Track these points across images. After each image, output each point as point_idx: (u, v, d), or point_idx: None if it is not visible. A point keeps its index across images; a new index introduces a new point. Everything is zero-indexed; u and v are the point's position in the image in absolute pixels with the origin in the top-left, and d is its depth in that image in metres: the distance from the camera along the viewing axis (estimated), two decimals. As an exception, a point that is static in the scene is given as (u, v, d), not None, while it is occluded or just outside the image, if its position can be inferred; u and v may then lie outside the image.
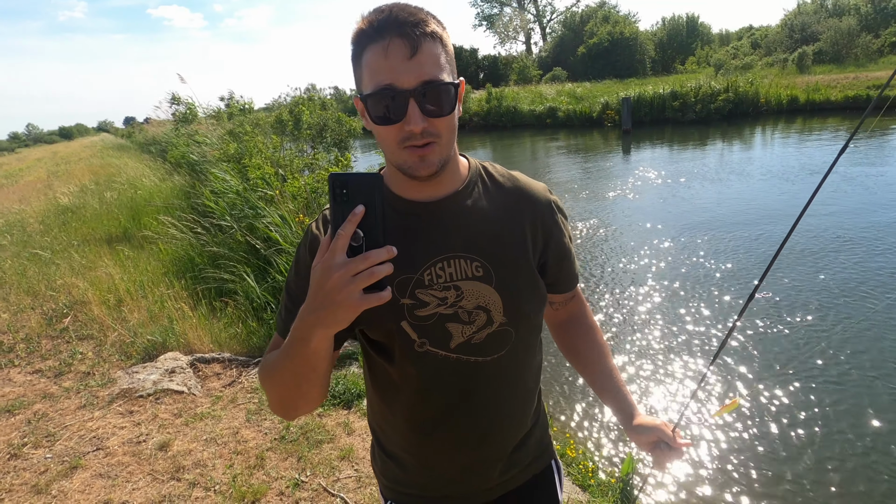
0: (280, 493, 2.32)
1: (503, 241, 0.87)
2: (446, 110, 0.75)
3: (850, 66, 19.48)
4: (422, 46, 0.72)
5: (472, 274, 0.84)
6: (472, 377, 0.87)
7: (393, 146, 0.76)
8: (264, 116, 11.30)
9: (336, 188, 0.61)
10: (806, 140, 12.22)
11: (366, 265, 0.59)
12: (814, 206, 1.13)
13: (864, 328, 3.99)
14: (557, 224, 0.94)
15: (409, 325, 0.83)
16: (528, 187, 0.94)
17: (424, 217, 0.85)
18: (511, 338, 0.87)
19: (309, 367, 0.71)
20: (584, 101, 21.39)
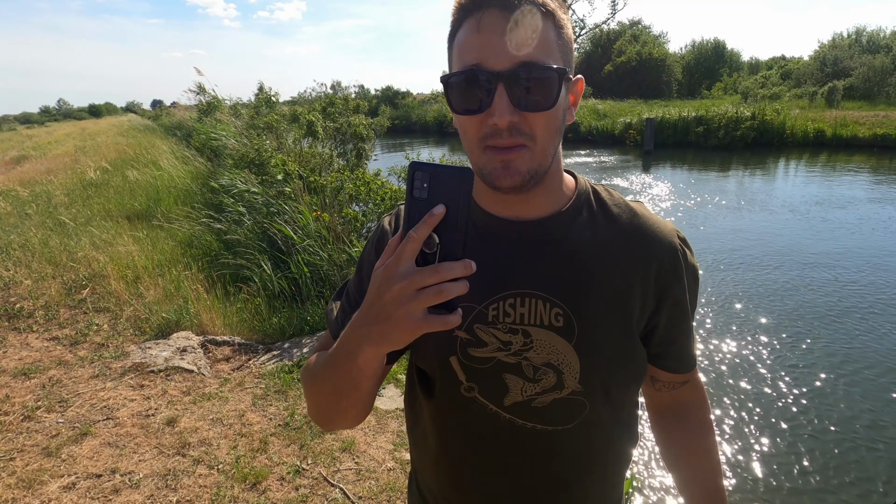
0: (281, 479, 2.35)
1: (600, 288, 0.69)
2: (547, 103, 0.60)
3: (881, 104, 19.22)
4: (524, 20, 0.58)
5: (548, 322, 0.68)
6: (525, 446, 0.71)
7: (474, 145, 0.63)
8: (286, 110, 11.46)
9: (416, 180, 0.51)
10: (830, 176, 12.07)
11: (435, 279, 0.49)
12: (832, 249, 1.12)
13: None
14: (680, 279, 0.73)
15: (458, 363, 0.69)
16: (650, 225, 0.73)
17: (505, 239, 0.70)
18: (584, 411, 0.70)
19: (352, 384, 0.61)
20: (606, 118, 21.37)
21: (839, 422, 3.34)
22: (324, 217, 4.56)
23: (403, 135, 26.86)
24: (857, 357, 4.07)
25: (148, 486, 2.22)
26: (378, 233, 0.77)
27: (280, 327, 3.81)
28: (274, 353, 3.54)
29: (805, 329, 4.54)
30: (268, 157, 6.15)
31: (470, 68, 0.60)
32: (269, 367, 3.33)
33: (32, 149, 20.16)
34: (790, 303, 5.05)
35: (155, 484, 2.23)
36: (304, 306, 4.01)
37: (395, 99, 34.43)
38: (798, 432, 3.28)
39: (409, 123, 28.98)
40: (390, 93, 36.93)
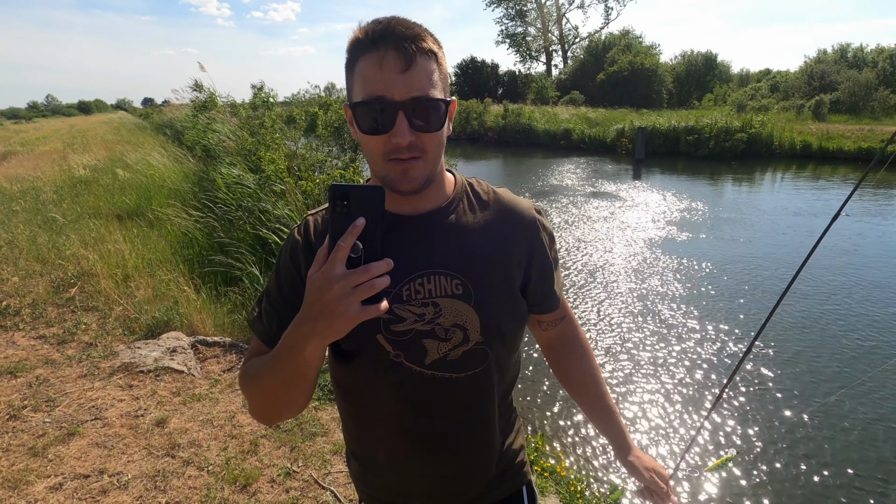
0: (271, 481, 2.34)
1: (484, 259, 0.86)
2: (434, 126, 0.76)
3: (866, 119, 19.62)
4: (416, 61, 0.72)
5: (451, 292, 0.83)
6: (446, 392, 0.86)
7: (378, 158, 0.77)
8: (282, 111, 11.42)
9: (337, 199, 0.62)
10: (815, 187, 12.28)
11: (366, 277, 0.61)
12: (818, 258, 1.16)
13: (871, 388, 4.01)
14: (541, 242, 0.93)
15: (384, 339, 0.82)
16: (512, 205, 0.93)
17: (406, 231, 0.84)
18: (487, 357, 0.87)
19: (298, 375, 0.72)
20: (598, 125, 21.56)
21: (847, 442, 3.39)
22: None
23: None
24: (839, 359, 4.14)
25: (136, 487, 2.20)
26: (290, 242, 0.87)
27: (271, 329, 3.79)
28: (265, 355, 3.52)
29: (783, 335, 4.62)
30: (263, 152, 6.15)
31: (375, 98, 0.72)
32: (259, 369, 3.31)
33: (20, 144, 19.85)
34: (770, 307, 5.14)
35: (143, 485, 2.21)
36: (295, 308, 3.99)
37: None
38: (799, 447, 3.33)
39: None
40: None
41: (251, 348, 0.89)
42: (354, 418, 0.94)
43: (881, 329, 4.76)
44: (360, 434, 0.95)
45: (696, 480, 2.99)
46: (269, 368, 0.74)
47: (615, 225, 8.91)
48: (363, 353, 0.84)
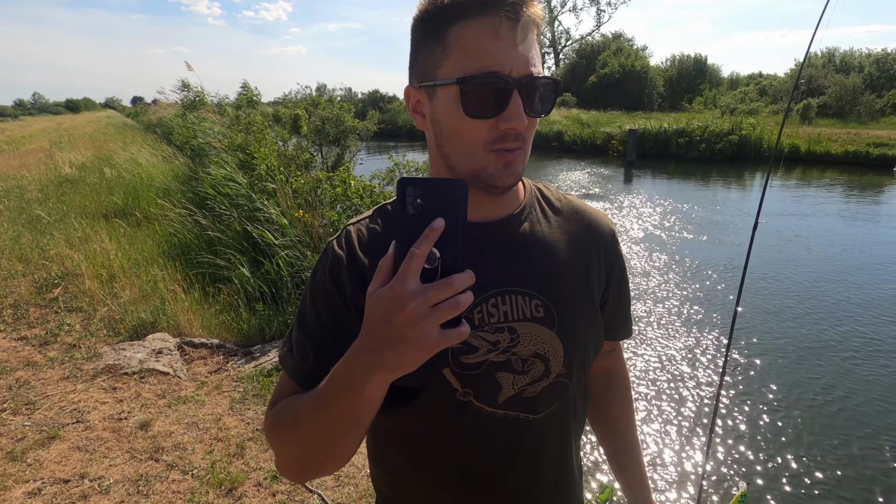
0: (258, 484, 2.30)
1: (567, 276, 0.74)
2: (546, 110, 0.66)
3: (853, 123, 19.91)
4: (529, 33, 0.62)
5: (531, 314, 0.71)
6: (521, 437, 0.73)
7: (478, 147, 0.64)
8: (269, 111, 11.34)
9: (408, 196, 0.50)
10: (803, 190, 12.43)
11: (449, 293, 0.48)
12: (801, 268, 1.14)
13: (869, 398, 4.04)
14: (620, 258, 0.83)
15: (452, 374, 0.68)
16: (589, 214, 0.82)
17: (478, 242, 0.70)
18: (566, 391, 0.74)
19: (353, 419, 0.57)
20: (590, 127, 21.68)
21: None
22: (305, 218, 4.51)
23: (389, 138, 26.83)
24: (826, 364, 4.18)
25: (118, 492, 2.15)
26: (330, 259, 0.71)
27: (259, 329, 3.75)
28: (253, 356, 3.48)
29: (771, 330, 4.65)
30: (255, 149, 6.10)
31: (491, 73, 0.60)
32: (247, 371, 3.26)
33: (5, 143, 19.55)
34: (762, 306, 5.17)
35: (126, 489, 2.16)
36: (283, 308, 3.96)
37: (381, 103, 34.40)
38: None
39: (394, 128, 28.98)
40: (377, 97, 36.88)
41: (279, 389, 0.72)
42: (402, 470, 0.78)
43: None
44: (407, 489, 0.79)
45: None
46: (314, 413, 0.59)
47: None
48: (424, 392, 0.69)
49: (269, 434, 0.68)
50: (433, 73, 0.64)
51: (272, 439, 0.67)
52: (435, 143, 0.69)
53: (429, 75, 0.65)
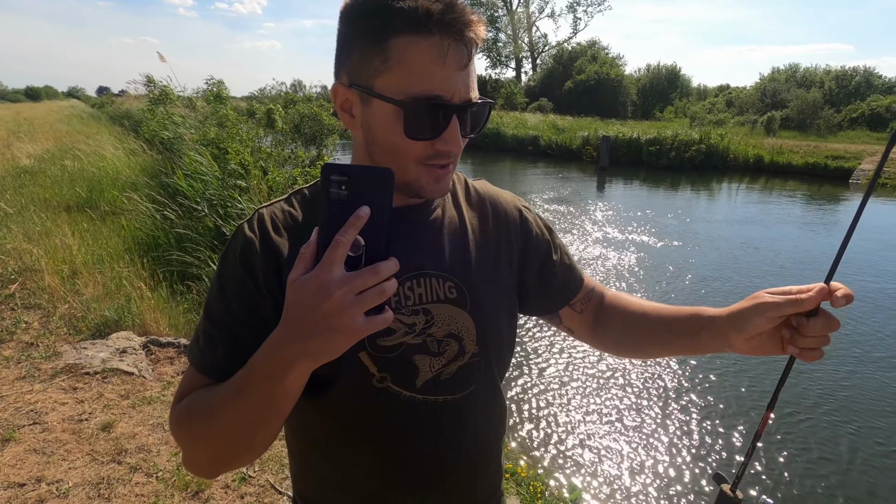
0: (225, 486, 2.26)
1: (478, 257, 0.76)
2: (479, 129, 0.69)
3: (812, 136, 20.80)
4: (472, 55, 0.63)
5: (444, 295, 0.72)
6: (440, 420, 0.74)
7: (409, 161, 0.65)
8: (243, 106, 11.14)
9: (333, 181, 0.50)
10: (766, 199, 12.92)
11: (375, 280, 0.49)
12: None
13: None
14: (531, 230, 0.84)
15: (368, 357, 0.68)
16: (499, 198, 0.85)
17: (395, 225, 0.72)
18: (481, 370, 0.76)
19: (273, 410, 0.56)
20: (565, 133, 22.01)
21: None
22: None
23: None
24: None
25: (78, 496, 2.07)
26: (241, 243, 0.68)
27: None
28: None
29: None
30: (228, 143, 5.98)
31: (434, 99, 0.61)
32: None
33: (-42, 130, 18.52)
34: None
35: (86, 493, 2.09)
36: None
37: (359, 102, 34.05)
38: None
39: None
40: (354, 95, 36.47)
41: (185, 383, 0.68)
42: (317, 460, 0.77)
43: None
44: (324, 480, 0.77)
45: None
46: (231, 406, 0.57)
47: (579, 232, 9.10)
48: (340, 378, 0.68)
49: (178, 430, 0.64)
50: (370, 80, 0.62)
51: (181, 436, 0.64)
52: (364, 147, 0.69)
53: (364, 80, 0.63)
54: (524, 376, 4.15)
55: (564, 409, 3.77)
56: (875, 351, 4.67)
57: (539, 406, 3.78)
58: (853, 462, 3.24)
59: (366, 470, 0.74)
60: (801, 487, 3.04)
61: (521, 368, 4.25)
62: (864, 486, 3.06)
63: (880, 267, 7.13)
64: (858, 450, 3.34)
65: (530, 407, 3.77)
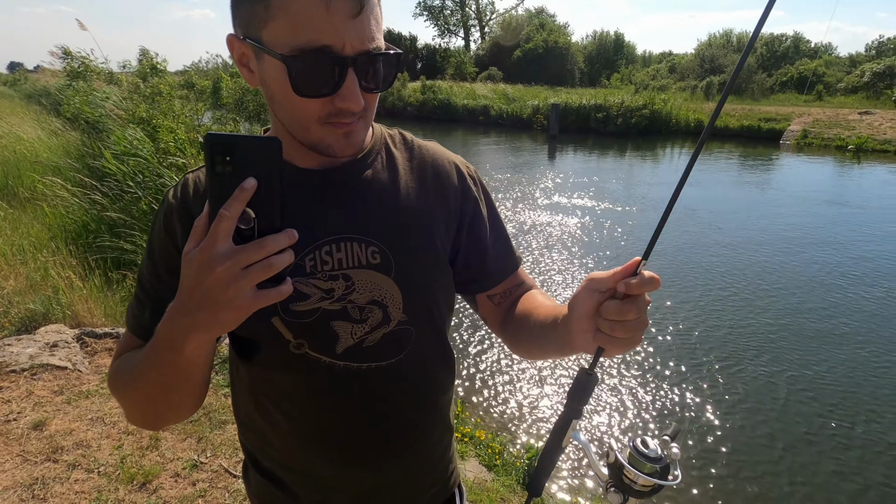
0: (175, 475, 2.18)
1: (407, 222, 0.73)
2: (387, 85, 0.63)
3: (748, 99, 21.80)
4: (367, 2, 0.57)
5: (366, 261, 0.69)
6: (364, 388, 0.72)
7: (310, 122, 0.61)
8: (178, 80, 10.42)
9: (216, 154, 0.48)
10: (706, 161, 13.52)
11: (261, 255, 0.48)
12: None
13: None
14: (475, 200, 0.80)
15: (281, 322, 0.67)
16: (439, 159, 0.79)
17: (311, 189, 0.69)
18: (411, 338, 0.74)
19: (182, 376, 0.59)
20: (515, 102, 22.04)
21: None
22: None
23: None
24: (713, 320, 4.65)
25: (9, 499, 1.94)
26: (164, 208, 0.70)
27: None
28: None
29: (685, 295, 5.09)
30: (160, 121, 5.59)
31: (320, 50, 0.56)
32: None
33: None
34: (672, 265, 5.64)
35: (18, 495, 1.96)
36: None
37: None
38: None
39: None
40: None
41: (122, 342, 0.73)
42: (255, 423, 0.78)
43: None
44: (264, 444, 0.79)
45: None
46: (145, 370, 0.60)
47: (530, 202, 9.22)
48: (260, 343, 0.70)
49: (110, 386, 0.70)
50: (257, 31, 0.58)
51: (113, 392, 0.70)
52: (269, 106, 0.66)
53: (254, 32, 0.59)
54: (483, 342, 4.21)
55: (519, 373, 3.87)
56: (805, 302, 5.04)
57: (494, 371, 3.86)
58: (787, 408, 3.53)
59: (293, 434, 0.74)
60: (736, 439, 3.27)
61: (478, 334, 4.31)
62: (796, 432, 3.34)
63: (802, 220, 7.65)
64: (790, 399, 3.63)
65: (487, 372, 3.85)
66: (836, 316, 4.66)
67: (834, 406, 3.43)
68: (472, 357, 4.03)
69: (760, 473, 2.89)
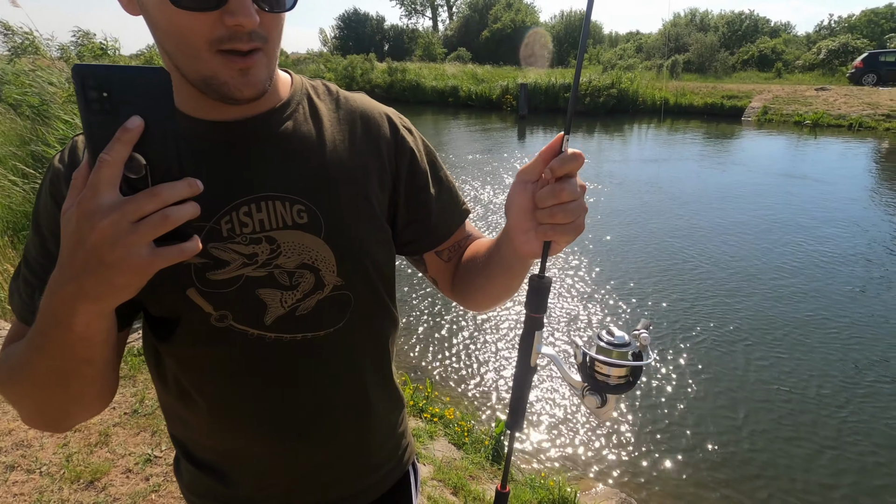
0: (127, 471, 2.08)
1: (335, 177, 0.66)
2: (288, 4, 0.56)
3: (711, 77, 22.18)
4: None
5: (292, 221, 0.63)
6: (300, 360, 0.67)
7: (200, 46, 0.52)
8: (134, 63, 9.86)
9: (89, 89, 0.40)
10: (672, 139, 13.75)
11: (155, 205, 0.42)
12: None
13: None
14: (408, 154, 0.73)
15: (198, 294, 0.61)
16: (368, 110, 0.72)
17: (223, 144, 0.62)
18: (350, 304, 0.68)
19: (78, 359, 0.51)
20: (484, 83, 21.86)
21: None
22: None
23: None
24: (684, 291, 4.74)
25: (-60, 507, 1.81)
26: (51, 175, 0.62)
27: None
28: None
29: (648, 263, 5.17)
30: None
31: None
32: (112, 352, 2.90)
33: None
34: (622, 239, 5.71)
35: (-51, 502, 1.83)
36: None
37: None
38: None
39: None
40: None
41: (8, 334, 0.64)
42: (179, 412, 0.72)
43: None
44: (192, 432, 0.73)
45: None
46: (33, 357, 0.52)
47: (499, 183, 9.19)
48: (174, 318, 0.63)
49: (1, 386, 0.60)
50: None
51: (3, 391, 0.59)
52: (156, 41, 0.57)
53: None
54: (454, 322, 4.18)
55: (490, 352, 3.86)
56: (765, 270, 5.18)
57: (464, 350, 3.84)
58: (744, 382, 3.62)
59: (222, 416, 0.68)
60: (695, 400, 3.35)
61: (450, 315, 4.28)
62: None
63: (763, 194, 7.87)
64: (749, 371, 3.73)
65: (456, 351, 3.82)
66: (791, 285, 4.81)
67: (788, 373, 3.54)
68: (444, 336, 4.00)
69: (725, 442, 2.97)
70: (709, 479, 2.72)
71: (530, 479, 2.43)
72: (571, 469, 2.81)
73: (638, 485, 2.70)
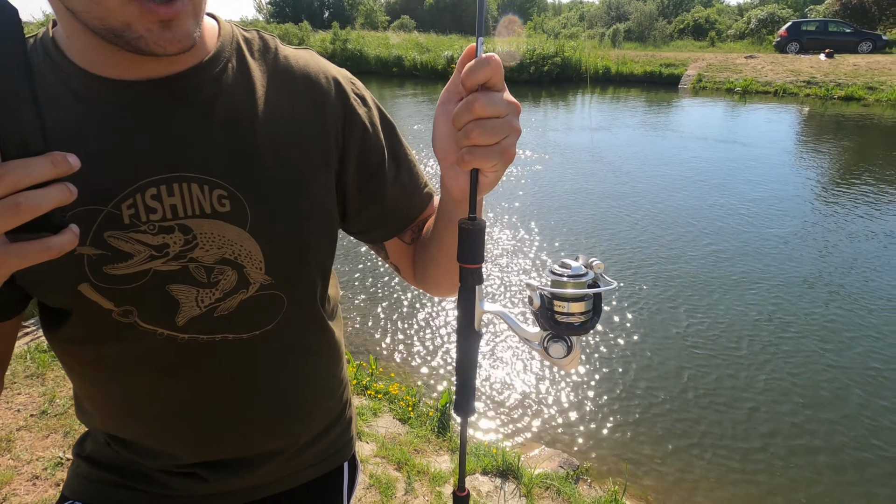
0: (34, 478, 1.90)
1: (269, 153, 0.55)
2: None
3: (650, 46, 22.71)
4: None
5: (211, 208, 0.53)
6: (220, 362, 0.59)
7: None
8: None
9: None
10: (613, 107, 14.04)
11: (1, 188, 0.33)
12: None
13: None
14: (360, 125, 0.61)
15: (94, 290, 0.52)
16: (315, 73, 0.60)
17: (127, 110, 0.51)
18: (282, 306, 0.59)
19: None
20: (429, 52, 21.37)
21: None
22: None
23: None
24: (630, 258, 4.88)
25: None
26: None
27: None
28: (25, 329, 2.81)
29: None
30: None
31: None
32: (18, 348, 2.62)
33: None
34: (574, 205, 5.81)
35: None
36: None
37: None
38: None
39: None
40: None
41: None
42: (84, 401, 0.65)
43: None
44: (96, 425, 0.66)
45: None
46: None
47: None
48: (73, 315, 0.54)
49: None
50: None
51: None
52: None
53: None
54: (388, 286, 4.10)
55: (431, 317, 3.82)
56: (705, 232, 5.41)
57: (404, 317, 3.79)
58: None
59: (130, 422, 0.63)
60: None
61: (380, 276, 4.19)
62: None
63: (699, 158, 8.20)
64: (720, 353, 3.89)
65: (395, 321, 3.76)
66: (726, 249, 5.06)
67: (726, 333, 3.71)
68: (386, 308, 3.92)
69: (666, 401, 3.07)
70: (651, 436, 2.82)
71: (474, 447, 2.44)
72: (514, 436, 2.85)
73: (581, 446, 2.77)
